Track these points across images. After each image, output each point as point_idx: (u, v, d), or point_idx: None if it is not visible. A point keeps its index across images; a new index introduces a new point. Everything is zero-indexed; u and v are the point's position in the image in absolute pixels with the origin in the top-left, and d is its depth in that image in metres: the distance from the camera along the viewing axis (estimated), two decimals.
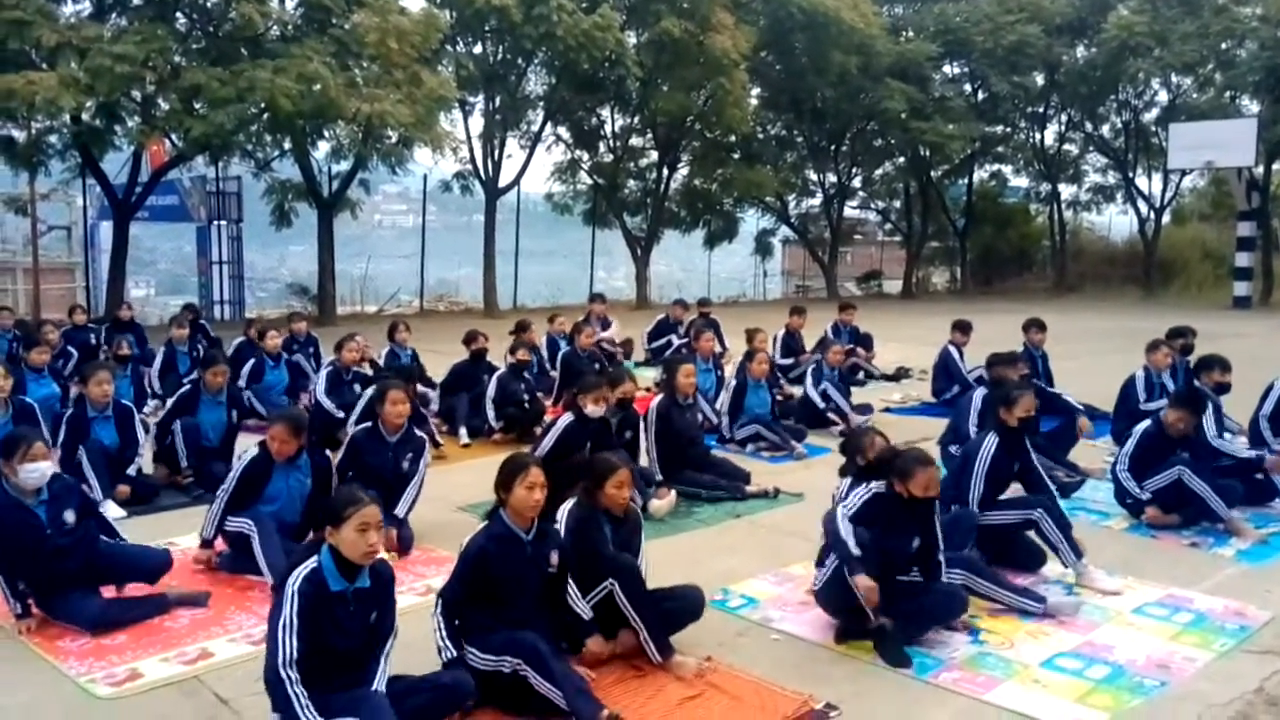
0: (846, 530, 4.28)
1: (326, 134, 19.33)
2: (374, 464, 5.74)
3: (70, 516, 4.64)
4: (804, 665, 4.17)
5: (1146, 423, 6.29)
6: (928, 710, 3.77)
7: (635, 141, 27.30)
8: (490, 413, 8.73)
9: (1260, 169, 24.52)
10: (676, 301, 14.62)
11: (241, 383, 9.17)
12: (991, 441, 5.34)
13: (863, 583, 4.16)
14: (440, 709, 3.56)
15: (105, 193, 19.08)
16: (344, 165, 20.91)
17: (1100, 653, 4.24)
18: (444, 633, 3.75)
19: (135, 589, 4.88)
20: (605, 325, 13.21)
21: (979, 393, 7.52)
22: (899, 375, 12.14)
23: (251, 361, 9.51)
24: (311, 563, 3.48)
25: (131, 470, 6.76)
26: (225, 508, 5.28)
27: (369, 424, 5.99)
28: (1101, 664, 4.13)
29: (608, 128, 26.86)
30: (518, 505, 3.88)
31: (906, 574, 4.43)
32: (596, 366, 10.02)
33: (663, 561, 4.76)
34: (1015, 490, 5.51)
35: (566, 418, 6.44)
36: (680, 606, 4.27)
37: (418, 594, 4.91)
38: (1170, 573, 5.24)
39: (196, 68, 15.38)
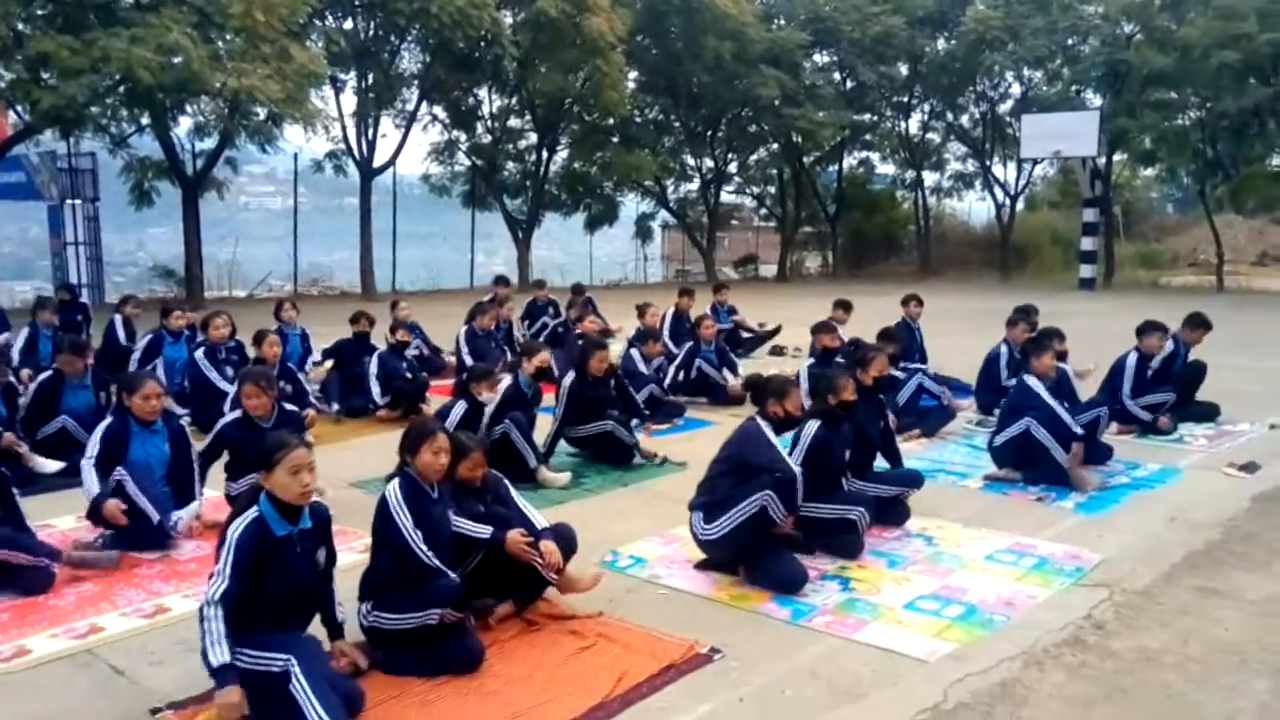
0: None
1: (189, 109, 18.75)
2: (253, 453, 5.66)
3: None
4: (690, 616, 4.41)
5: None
6: (803, 648, 4.08)
7: (514, 123, 27.35)
8: (375, 389, 8.84)
9: (1102, 159, 26.33)
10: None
11: (137, 355, 9.20)
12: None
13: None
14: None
15: None
16: (209, 143, 20.22)
17: (956, 594, 4.66)
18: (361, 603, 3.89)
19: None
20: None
21: (804, 365, 8.23)
22: (777, 352, 12.66)
23: (149, 337, 9.44)
24: (252, 512, 3.56)
25: None
26: (97, 468, 5.31)
27: (238, 414, 5.91)
28: (957, 604, 4.54)
29: (485, 108, 26.89)
30: (423, 469, 4.04)
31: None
32: (492, 345, 10.18)
33: None
34: None
35: (460, 405, 6.53)
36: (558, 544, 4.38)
37: None
38: (1019, 524, 5.75)
39: (43, 35, 14.61)
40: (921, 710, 3.54)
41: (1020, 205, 32.13)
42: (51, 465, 6.64)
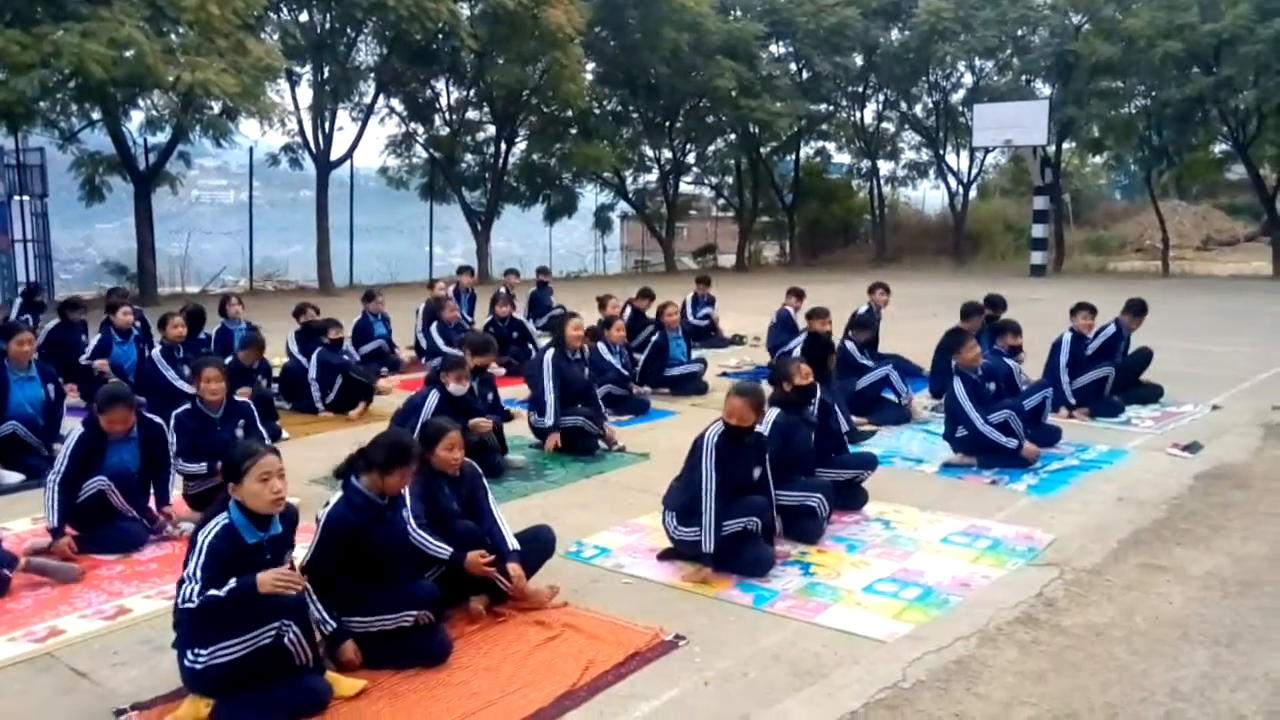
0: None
1: (141, 103, 18.38)
2: (205, 444, 5.69)
3: None
4: (654, 604, 4.50)
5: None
6: (766, 633, 4.18)
7: (472, 115, 27.22)
8: (315, 392, 8.73)
9: (1052, 147, 26.87)
10: (509, 271, 14.80)
11: (85, 357, 8.99)
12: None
13: None
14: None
15: None
16: (161, 137, 19.81)
17: (913, 577, 4.79)
18: (319, 606, 3.75)
19: None
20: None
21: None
22: (735, 341, 12.81)
23: (99, 337, 9.28)
24: (221, 519, 3.47)
25: None
26: (62, 489, 5.15)
27: (189, 405, 5.90)
28: (914, 586, 4.68)
29: (443, 100, 26.70)
30: (396, 484, 3.96)
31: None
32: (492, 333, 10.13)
33: (518, 520, 5.00)
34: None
35: (434, 396, 6.51)
36: (532, 547, 4.52)
37: None
38: (974, 507, 5.92)
39: None
40: (882, 689, 3.65)
41: (973, 193, 32.67)
42: (12, 477, 6.49)
